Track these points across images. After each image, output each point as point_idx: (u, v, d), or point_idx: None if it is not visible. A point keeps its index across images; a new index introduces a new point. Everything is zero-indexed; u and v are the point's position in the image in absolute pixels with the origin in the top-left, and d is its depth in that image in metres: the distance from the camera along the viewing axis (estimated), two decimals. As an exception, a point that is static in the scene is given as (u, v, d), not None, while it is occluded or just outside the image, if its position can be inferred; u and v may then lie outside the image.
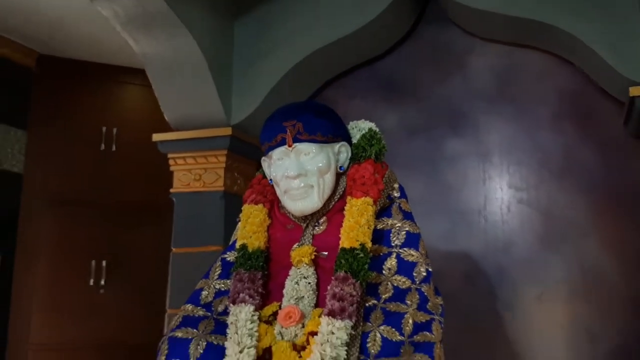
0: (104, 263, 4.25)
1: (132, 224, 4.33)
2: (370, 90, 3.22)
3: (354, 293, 1.49)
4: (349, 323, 1.45)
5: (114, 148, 4.41)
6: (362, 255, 1.53)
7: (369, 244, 1.56)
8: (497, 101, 2.99)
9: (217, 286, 1.71)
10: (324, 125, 1.66)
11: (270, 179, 1.74)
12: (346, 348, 1.42)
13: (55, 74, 4.33)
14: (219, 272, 1.75)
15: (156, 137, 3.17)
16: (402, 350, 1.48)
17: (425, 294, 1.61)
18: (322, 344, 1.41)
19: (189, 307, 1.66)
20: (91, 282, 4.21)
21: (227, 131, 3.04)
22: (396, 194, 1.74)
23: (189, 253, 3.08)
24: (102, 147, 4.38)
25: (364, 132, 1.76)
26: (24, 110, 4.23)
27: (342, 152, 1.71)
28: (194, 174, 3.12)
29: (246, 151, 3.18)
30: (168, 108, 3.11)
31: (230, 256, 1.76)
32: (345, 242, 1.56)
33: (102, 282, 4.24)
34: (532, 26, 2.74)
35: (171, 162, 3.18)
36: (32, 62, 4.30)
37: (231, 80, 3.10)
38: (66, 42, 4.17)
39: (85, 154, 4.33)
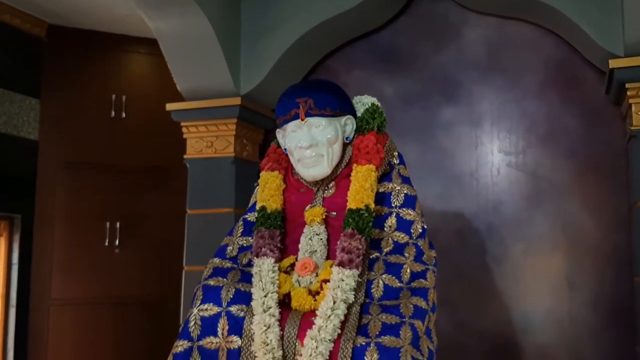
0: (118, 225, 4.49)
1: (143, 188, 4.56)
2: (368, 61, 3.43)
3: (360, 247, 1.73)
4: (356, 272, 1.70)
5: (123, 115, 4.61)
6: (366, 214, 1.77)
7: (373, 205, 1.80)
8: (489, 71, 3.20)
9: (240, 242, 1.95)
10: (332, 101, 1.88)
11: (285, 149, 1.96)
12: (354, 292, 1.67)
13: (64, 43, 4.50)
14: (242, 230, 1.99)
15: (169, 106, 3.38)
16: (401, 295, 1.74)
17: (421, 247, 1.87)
18: (334, 289, 1.66)
19: (217, 260, 1.90)
20: (106, 242, 4.46)
21: (237, 101, 3.25)
22: (396, 161, 1.98)
23: (202, 214, 3.33)
24: (112, 114, 4.58)
25: (367, 106, 1.99)
26: (37, 79, 4.42)
27: (348, 124, 1.93)
28: (206, 141, 3.35)
29: (254, 119, 3.40)
30: (180, 80, 3.31)
31: (251, 217, 1.99)
32: (352, 204, 1.80)
33: (117, 243, 4.49)
34: (520, 0, 2.94)
35: (184, 129, 3.39)
36: (42, 32, 4.46)
37: (239, 53, 3.30)
38: (75, 12, 4.33)
39: (96, 121, 4.53)
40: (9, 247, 4.21)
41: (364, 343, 1.58)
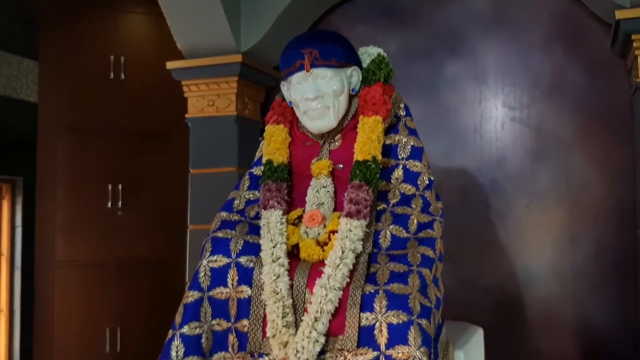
0: (120, 187, 4.49)
1: (144, 150, 4.54)
2: (371, 16, 3.38)
3: (367, 198, 1.73)
4: (363, 222, 1.70)
5: (122, 76, 4.56)
6: (373, 166, 1.77)
7: (379, 157, 1.80)
8: (493, 25, 3.16)
9: (247, 196, 1.95)
10: (338, 52, 1.86)
11: (290, 102, 1.95)
12: (362, 242, 1.68)
13: (62, 4, 4.43)
14: (248, 184, 1.99)
15: (170, 64, 3.34)
16: (408, 245, 1.75)
17: (428, 199, 1.87)
18: (342, 239, 1.67)
19: (224, 214, 1.90)
20: (109, 204, 4.46)
21: (238, 58, 3.21)
22: (402, 113, 1.96)
23: (205, 174, 3.33)
24: (111, 75, 4.53)
25: (373, 57, 1.96)
26: (35, 41, 4.36)
27: (354, 75, 1.91)
28: (207, 100, 3.32)
29: (256, 77, 3.37)
30: (180, 37, 3.27)
31: (257, 170, 1.99)
32: (359, 155, 1.80)
33: (119, 205, 4.49)
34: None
35: (185, 88, 3.37)
36: (39, -7, 4.39)
37: (240, 9, 3.25)
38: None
39: (95, 82, 4.48)
40: (12, 210, 4.23)
41: (372, 290, 1.59)
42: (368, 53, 1.99)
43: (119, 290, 4.42)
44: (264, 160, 1.92)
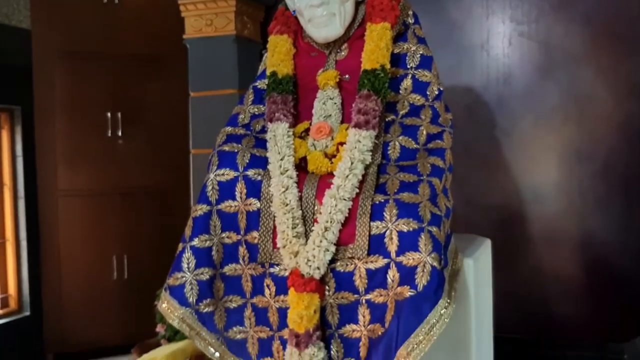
0: (119, 115, 4.42)
1: (142, 76, 4.44)
2: None
3: (376, 108, 1.69)
4: (372, 133, 1.67)
5: (116, 0, 4.41)
6: (382, 74, 1.72)
7: (388, 65, 1.74)
8: None
9: (252, 110, 1.91)
10: (343, -44, 1.77)
11: (294, 11, 1.87)
12: (371, 153, 1.65)
13: None
14: (252, 98, 1.93)
15: (166, -17, 3.23)
16: (417, 155, 1.72)
17: (437, 110, 1.83)
18: (350, 150, 1.63)
19: (229, 128, 1.86)
20: (109, 133, 4.40)
21: (236, -26, 3.10)
22: (411, 21, 1.89)
23: (206, 97, 3.27)
24: (105, -1, 4.38)
25: (379, -38, 1.87)
26: (24, -37, 4.19)
27: (361, -19, 1.83)
28: (205, 19, 3.22)
29: (255, -5, 3.26)
30: (175, -47, 3.14)
31: (261, 84, 1.93)
32: (366, 64, 1.74)
33: (120, 133, 4.43)
34: None
35: (182, 7, 3.26)
36: None
37: None
38: None
39: (89, 6, 4.33)
40: (12, 139, 4.17)
41: (382, 200, 1.58)
42: (374, -42, 1.90)
43: (123, 219, 4.42)
44: (268, 73, 1.86)
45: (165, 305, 1.69)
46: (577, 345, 2.94)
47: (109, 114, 4.37)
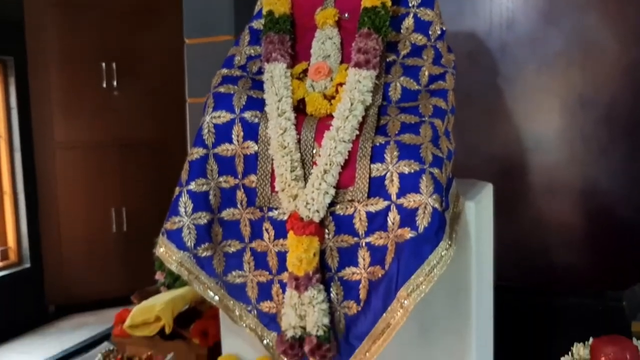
0: (114, 65, 4.35)
1: (135, 25, 4.35)
2: None
3: (377, 47, 1.64)
4: (373, 73, 1.62)
5: (107, -51, 4.29)
6: (383, 12, 1.66)
7: (389, 3, 1.68)
8: None
9: (248, 52, 1.85)
10: None
11: (290, -53, 1.79)
12: (371, 94, 1.61)
13: None
14: (248, 39, 1.88)
15: None
16: (419, 97, 1.67)
17: (440, 50, 1.77)
18: (350, 91, 1.59)
19: (224, 70, 1.81)
20: (104, 84, 4.34)
21: None
22: (412, -44, 1.82)
23: (201, 44, 3.19)
24: (96, -55, 4.25)
25: None
26: None
27: None
28: (200, -38, 3.11)
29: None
30: None
31: (257, 24, 1.88)
32: (367, 1, 1.68)
33: (115, 84, 4.37)
34: None
35: (176, -48, 3.15)
36: None
37: None
38: None
39: (80, -47, 4.22)
40: (6, 91, 4.10)
41: (383, 142, 1.54)
42: None
43: (121, 171, 4.40)
44: (264, 12, 1.80)
45: (163, 249, 1.67)
46: (576, 293, 2.94)
47: (103, 65, 4.32)
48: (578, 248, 2.96)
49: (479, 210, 1.71)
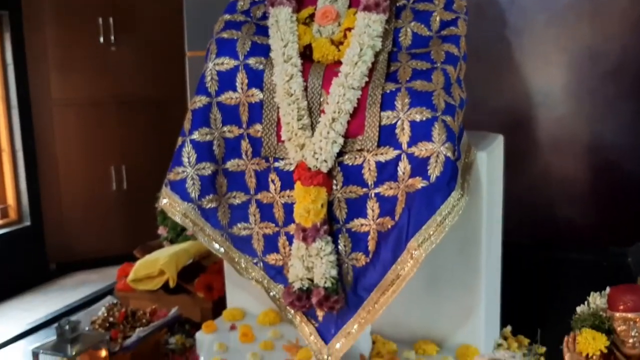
0: (111, 20, 4.24)
1: (132, -23, 4.24)
2: None
3: (387, -11, 1.57)
4: (382, 17, 1.56)
5: None
6: (393, -46, 1.58)
7: (399, -57, 1.61)
8: None
9: (251, -1, 1.78)
10: None
11: None
12: (381, 39, 1.54)
13: None
14: (251, -11, 1.80)
15: None
16: (430, 43, 1.62)
17: (451, -6, 1.70)
18: (359, 35, 1.53)
19: (227, 16, 1.74)
20: (101, 39, 4.23)
21: None
22: None
23: (201, -5, 3.10)
24: None
25: None
26: None
27: None
28: None
29: None
30: None
31: (261, -32, 1.80)
32: (376, -58, 1.60)
33: (112, 40, 4.27)
34: None
35: None
36: None
37: None
38: None
39: None
40: (1, 46, 4.00)
41: (394, 89, 1.49)
42: None
43: (120, 129, 4.33)
44: (269, -46, 1.72)
45: (167, 200, 1.63)
46: (582, 248, 2.93)
47: (100, 20, 4.20)
48: (584, 203, 2.94)
49: (490, 161, 1.67)
